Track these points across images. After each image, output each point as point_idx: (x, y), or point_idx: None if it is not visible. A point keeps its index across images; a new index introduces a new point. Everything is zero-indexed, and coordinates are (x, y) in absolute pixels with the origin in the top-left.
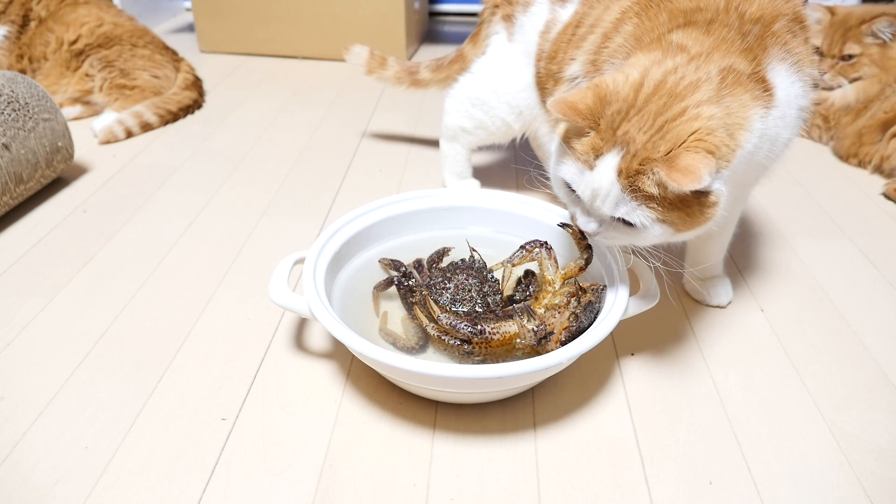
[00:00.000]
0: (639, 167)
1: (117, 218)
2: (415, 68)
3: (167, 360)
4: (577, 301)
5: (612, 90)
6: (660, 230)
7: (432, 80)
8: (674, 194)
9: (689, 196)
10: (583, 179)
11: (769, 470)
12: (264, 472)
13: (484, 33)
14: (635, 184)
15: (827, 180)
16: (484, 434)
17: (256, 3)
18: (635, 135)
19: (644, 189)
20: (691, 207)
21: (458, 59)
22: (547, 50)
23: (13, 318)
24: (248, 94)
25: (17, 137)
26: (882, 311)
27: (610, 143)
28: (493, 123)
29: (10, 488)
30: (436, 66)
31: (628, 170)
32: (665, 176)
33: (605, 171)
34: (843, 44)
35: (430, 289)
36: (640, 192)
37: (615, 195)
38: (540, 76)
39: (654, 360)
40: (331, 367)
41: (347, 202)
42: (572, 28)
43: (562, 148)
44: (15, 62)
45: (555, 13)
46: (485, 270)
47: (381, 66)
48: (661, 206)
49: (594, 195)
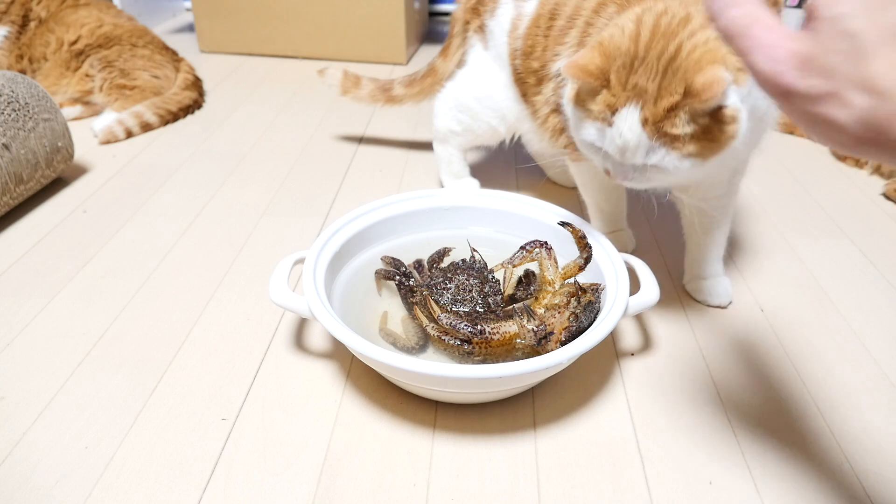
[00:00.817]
0: (664, 113)
1: (117, 218)
2: (388, 85)
3: (167, 360)
4: (577, 301)
5: (615, 45)
6: (689, 164)
7: (406, 94)
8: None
9: (709, 120)
10: (606, 137)
11: (769, 470)
12: (264, 472)
13: (456, 47)
14: (662, 129)
15: (827, 180)
16: (484, 434)
17: (256, 3)
18: (646, 84)
19: (671, 132)
20: (712, 131)
21: (431, 74)
22: (521, 47)
23: (13, 318)
24: (248, 94)
25: (17, 137)
26: (882, 311)
27: (623, 97)
28: (479, 127)
29: (10, 488)
30: (409, 81)
31: (654, 117)
32: (697, 105)
33: (630, 125)
34: None
35: (431, 289)
36: (668, 136)
37: (644, 145)
38: (518, 74)
39: (654, 360)
40: (331, 367)
41: (347, 202)
42: (546, 20)
43: (577, 112)
44: (14, 62)
45: (519, 9)
46: (485, 271)
47: (356, 86)
48: (689, 141)
49: (623, 150)
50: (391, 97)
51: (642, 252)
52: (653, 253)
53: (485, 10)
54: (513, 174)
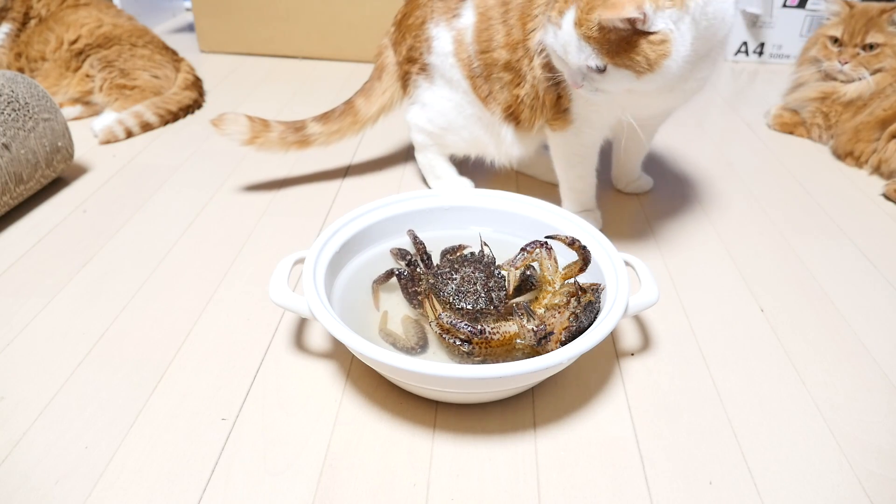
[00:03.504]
0: (586, 15)
1: (117, 218)
2: (301, 124)
3: (167, 360)
4: (577, 301)
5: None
6: (623, 74)
7: (322, 133)
8: (616, 35)
9: (634, 36)
10: (556, 39)
11: (769, 470)
12: (264, 472)
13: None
14: (584, 31)
15: (827, 180)
16: (484, 434)
17: (256, 3)
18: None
19: (591, 34)
20: (640, 46)
21: (350, 113)
22: (476, 49)
23: (13, 318)
24: (248, 94)
25: (16, 137)
26: (882, 311)
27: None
28: (452, 146)
29: (10, 488)
30: (325, 118)
31: (580, 20)
32: (598, 14)
33: (567, 26)
34: (865, 33)
35: (437, 277)
36: (592, 38)
37: (575, 44)
38: (478, 74)
39: (654, 360)
40: (331, 367)
41: (347, 202)
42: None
43: (545, 20)
44: (14, 60)
45: (456, 27)
46: (493, 266)
47: (266, 129)
48: (612, 47)
49: (564, 49)
50: (304, 138)
51: (642, 252)
52: (653, 253)
53: (420, 54)
54: (513, 174)
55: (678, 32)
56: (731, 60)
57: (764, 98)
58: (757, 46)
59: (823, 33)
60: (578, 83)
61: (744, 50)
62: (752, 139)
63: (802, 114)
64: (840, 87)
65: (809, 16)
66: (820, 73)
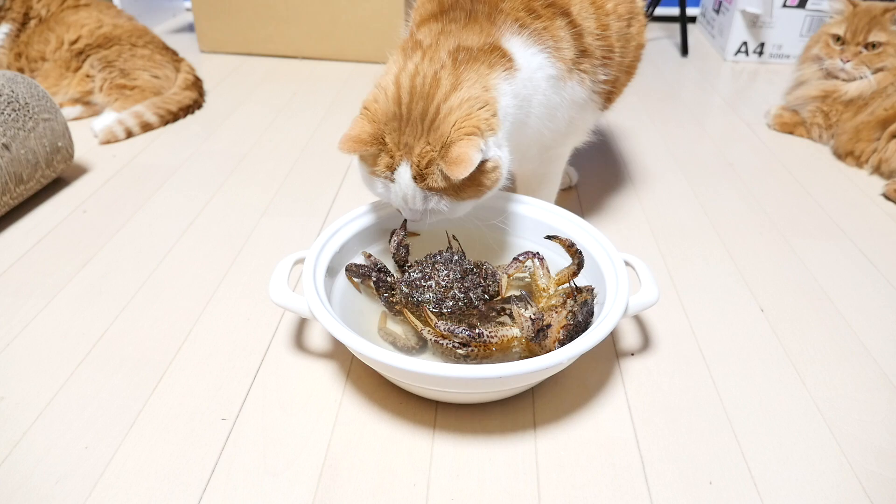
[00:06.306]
0: (426, 170)
1: (117, 218)
2: None
3: (167, 360)
4: (574, 300)
5: (381, 109)
6: (466, 204)
7: None
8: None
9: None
10: (391, 191)
11: (769, 470)
12: (264, 472)
13: None
14: (429, 183)
15: (827, 180)
16: (484, 434)
17: (256, 3)
18: (413, 144)
19: (437, 185)
20: (477, 178)
21: None
22: None
23: (13, 318)
24: (248, 94)
25: (17, 137)
26: (882, 311)
27: (398, 156)
28: None
29: (10, 488)
30: None
31: (420, 175)
32: (446, 171)
33: (405, 181)
34: (868, 31)
35: (410, 286)
36: (436, 188)
37: (419, 196)
38: None
39: (654, 360)
40: (331, 367)
41: (347, 202)
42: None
43: (364, 171)
44: (14, 60)
45: None
46: (464, 261)
47: None
48: (456, 188)
49: (405, 200)
50: None
51: (642, 252)
52: (652, 253)
53: None
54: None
55: (502, 152)
56: (731, 60)
57: (764, 98)
58: (757, 46)
59: (826, 31)
60: (416, 218)
61: (744, 50)
62: (752, 139)
63: (802, 113)
64: (841, 85)
65: (809, 16)
66: (822, 71)
